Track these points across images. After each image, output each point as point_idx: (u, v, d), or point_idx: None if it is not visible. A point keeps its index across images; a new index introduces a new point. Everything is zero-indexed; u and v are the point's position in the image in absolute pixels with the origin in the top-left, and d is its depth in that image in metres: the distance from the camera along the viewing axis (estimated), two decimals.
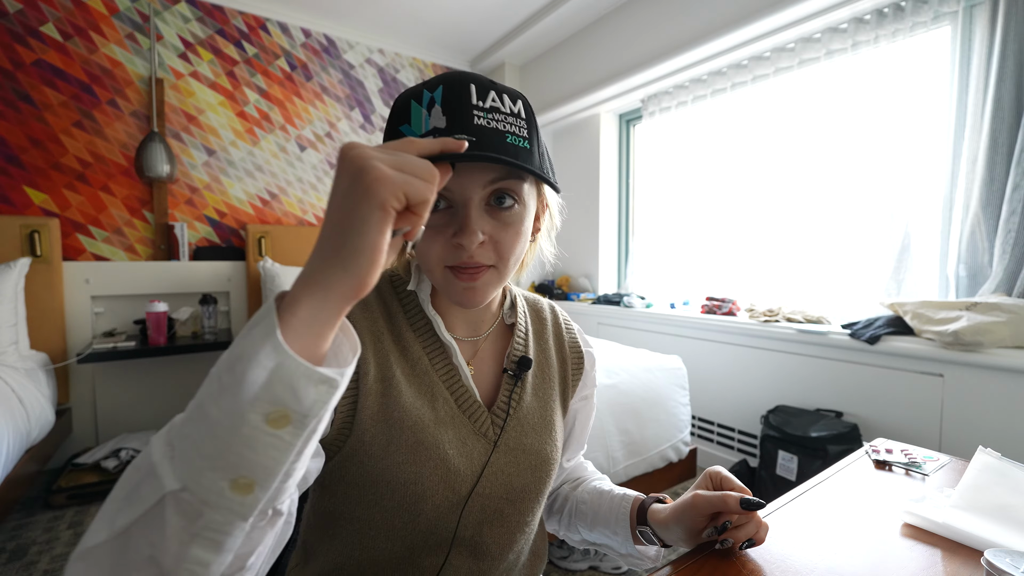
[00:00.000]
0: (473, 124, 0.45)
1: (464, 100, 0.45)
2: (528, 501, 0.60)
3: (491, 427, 0.57)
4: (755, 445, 2.13)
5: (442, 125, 0.45)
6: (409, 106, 0.47)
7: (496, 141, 0.45)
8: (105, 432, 2.38)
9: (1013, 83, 1.55)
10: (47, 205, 2.32)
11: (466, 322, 0.61)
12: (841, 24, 1.98)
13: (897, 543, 0.57)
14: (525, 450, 0.59)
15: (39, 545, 1.68)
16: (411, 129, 0.46)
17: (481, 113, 0.45)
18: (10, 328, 1.96)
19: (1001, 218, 1.56)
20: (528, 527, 0.62)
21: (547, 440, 0.61)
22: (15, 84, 2.24)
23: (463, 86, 0.46)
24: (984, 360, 1.45)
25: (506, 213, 0.49)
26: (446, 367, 0.57)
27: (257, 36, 2.82)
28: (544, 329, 0.67)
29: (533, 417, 0.61)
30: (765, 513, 0.64)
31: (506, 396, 0.59)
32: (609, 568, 1.57)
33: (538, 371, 0.64)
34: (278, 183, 2.91)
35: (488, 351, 0.62)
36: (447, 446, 0.53)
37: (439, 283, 0.52)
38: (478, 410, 0.57)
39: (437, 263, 0.49)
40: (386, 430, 0.52)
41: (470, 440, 0.55)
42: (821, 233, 2.14)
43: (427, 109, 0.46)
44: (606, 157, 3.15)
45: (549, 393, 0.64)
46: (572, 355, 0.68)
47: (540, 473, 0.60)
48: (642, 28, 2.58)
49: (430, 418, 0.53)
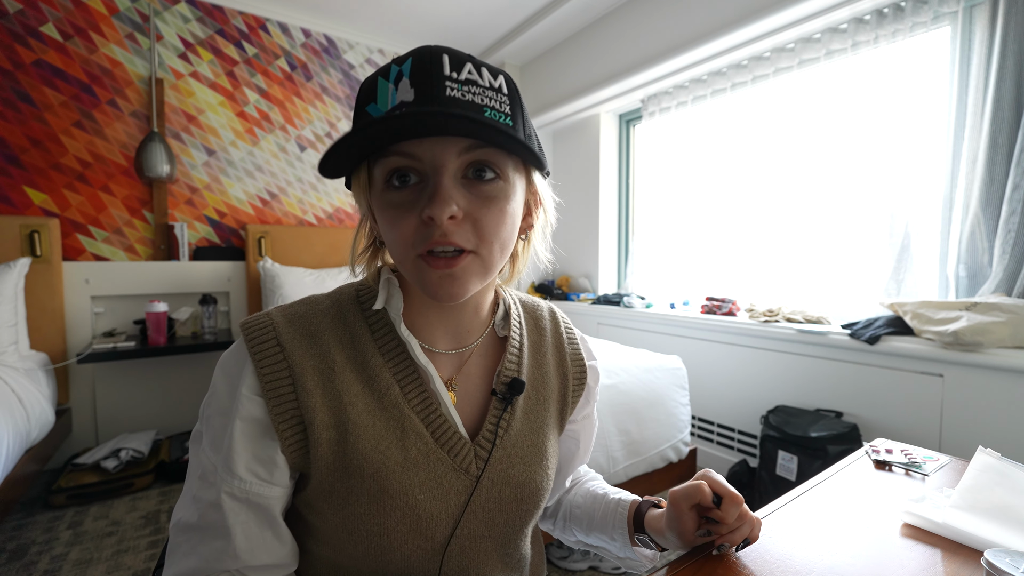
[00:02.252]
0: (445, 95, 0.40)
1: (435, 71, 0.40)
2: (515, 535, 0.55)
3: (474, 460, 0.50)
4: (755, 445, 2.13)
5: (409, 98, 0.40)
6: (376, 83, 0.42)
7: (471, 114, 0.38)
8: (105, 432, 2.38)
9: (1013, 83, 1.55)
10: (47, 205, 2.32)
11: (449, 333, 0.53)
12: (841, 24, 1.98)
13: (897, 543, 0.57)
14: (511, 483, 0.52)
15: (39, 545, 1.68)
16: (376, 107, 0.41)
17: (455, 85, 0.40)
18: (10, 328, 1.96)
19: (1001, 218, 1.56)
20: (516, 554, 0.57)
21: (537, 469, 0.54)
22: (15, 84, 2.24)
23: (434, 56, 0.41)
24: (984, 360, 1.45)
25: (487, 186, 0.43)
26: (421, 396, 0.49)
27: (257, 36, 2.82)
28: (542, 340, 0.60)
29: (523, 445, 0.54)
30: (765, 513, 0.64)
31: (493, 423, 0.52)
32: (609, 568, 1.57)
33: (532, 391, 0.57)
34: (278, 183, 2.91)
35: (475, 367, 0.55)
36: (417, 491, 0.47)
37: (412, 277, 0.45)
38: (459, 443, 0.50)
39: (408, 250, 0.43)
40: (345, 479, 0.46)
41: (448, 479, 0.49)
42: (821, 233, 2.14)
43: (394, 83, 0.41)
44: (606, 157, 3.15)
45: (543, 416, 0.57)
46: (574, 369, 0.62)
47: (527, 506, 0.54)
48: (642, 28, 2.58)
49: (397, 460, 0.47)
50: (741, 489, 1.99)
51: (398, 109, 0.40)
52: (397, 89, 0.40)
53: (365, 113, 0.42)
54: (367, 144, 0.41)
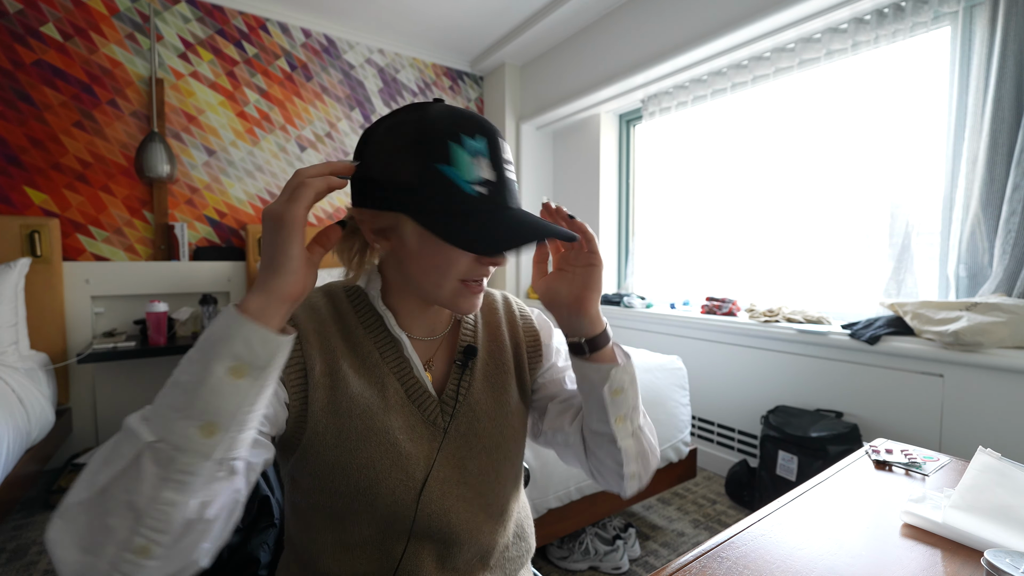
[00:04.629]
0: (505, 177, 0.53)
1: (498, 153, 0.52)
2: (490, 485, 0.62)
3: (440, 415, 0.60)
4: (755, 445, 2.13)
5: (492, 178, 0.51)
6: (447, 147, 0.49)
7: (514, 191, 0.54)
8: (105, 432, 2.38)
9: (1013, 83, 1.55)
10: (47, 205, 2.32)
11: (424, 323, 0.63)
12: (841, 24, 1.98)
13: (897, 543, 0.57)
14: (478, 434, 0.62)
15: (39, 545, 1.68)
16: (457, 172, 0.49)
17: (509, 166, 0.54)
18: (10, 328, 1.96)
19: (1001, 218, 1.56)
20: (497, 505, 0.63)
21: (503, 424, 0.64)
22: (15, 84, 2.24)
23: (496, 139, 0.53)
24: (984, 360, 1.45)
25: None
26: (397, 360, 0.60)
27: (257, 36, 2.82)
28: (495, 318, 0.70)
29: (485, 403, 0.63)
30: (765, 513, 0.64)
31: (454, 384, 0.62)
32: (609, 568, 1.57)
33: (489, 359, 0.66)
34: (278, 183, 2.91)
35: (444, 349, 0.65)
36: (397, 432, 0.57)
37: (446, 295, 0.55)
38: (427, 399, 0.60)
39: (455, 276, 0.54)
40: (336, 420, 0.55)
41: (419, 427, 0.59)
42: (821, 233, 2.14)
43: (472, 157, 0.50)
44: (606, 157, 3.15)
45: (503, 379, 0.66)
46: (527, 336, 0.70)
47: (496, 455, 0.63)
48: (642, 28, 2.58)
49: (379, 406, 0.57)
50: (741, 489, 2.00)
51: (481, 185, 0.50)
52: (478, 165, 0.50)
53: (442, 174, 0.49)
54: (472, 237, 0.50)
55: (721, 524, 1.85)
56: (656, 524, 1.85)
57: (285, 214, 0.44)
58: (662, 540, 1.75)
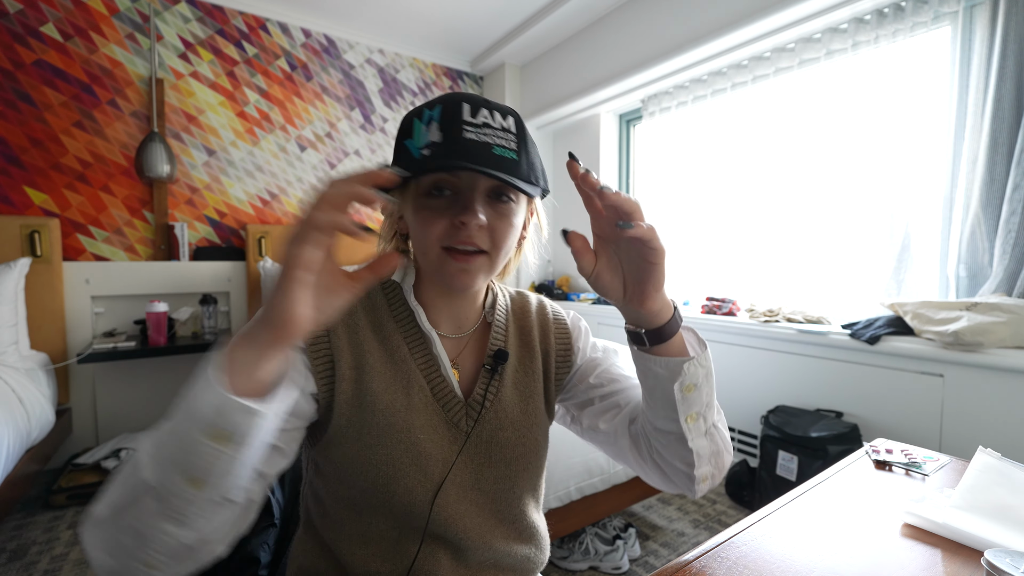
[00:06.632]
0: (463, 137, 0.50)
1: (456, 117, 0.51)
2: (507, 495, 0.61)
3: (465, 418, 0.59)
4: (755, 445, 2.13)
5: (438, 139, 0.50)
6: (412, 123, 0.53)
7: (483, 152, 0.50)
8: (105, 432, 2.38)
9: (1013, 83, 1.55)
10: (47, 205, 2.32)
11: (450, 317, 0.62)
12: (841, 24, 1.98)
13: (897, 543, 0.57)
14: (500, 443, 0.60)
15: (39, 545, 1.68)
16: (413, 142, 0.52)
17: (471, 128, 0.51)
18: (10, 328, 1.96)
19: (1001, 218, 1.56)
20: (512, 514, 0.62)
21: (527, 435, 0.62)
22: (15, 84, 2.24)
23: (457, 104, 0.51)
24: (984, 360, 1.45)
25: (503, 206, 0.55)
26: (425, 357, 0.59)
27: (257, 36, 2.82)
28: (528, 322, 0.68)
29: (512, 411, 0.62)
30: (765, 513, 0.64)
31: (482, 389, 0.61)
32: (609, 568, 1.57)
33: (519, 366, 0.65)
34: (278, 183, 2.91)
35: (472, 349, 0.64)
36: (418, 431, 0.56)
37: (433, 265, 0.54)
38: (453, 400, 0.59)
39: (435, 243, 0.53)
40: (359, 414, 0.55)
41: (441, 428, 0.58)
42: (821, 233, 2.14)
43: (426, 125, 0.51)
44: (606, 157, 3.15)
45: (532, 386, 0.64)
46: (558, 342, 0.67)
47: (515, 466, 0.61)
48: (642, 28, 2.58)
49: (402, 404, 0.57)
50: (741, 489, 2.00)
51: (429, 147, 0.50)
52: (428, 130, 0.51)
53: (404, 147, 0.53)
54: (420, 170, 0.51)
55: (721, 524, 1.85)
56: (656, 524, 1.85)
57: (287, 254, 0.37)
58: (662, 540, 1.75)
